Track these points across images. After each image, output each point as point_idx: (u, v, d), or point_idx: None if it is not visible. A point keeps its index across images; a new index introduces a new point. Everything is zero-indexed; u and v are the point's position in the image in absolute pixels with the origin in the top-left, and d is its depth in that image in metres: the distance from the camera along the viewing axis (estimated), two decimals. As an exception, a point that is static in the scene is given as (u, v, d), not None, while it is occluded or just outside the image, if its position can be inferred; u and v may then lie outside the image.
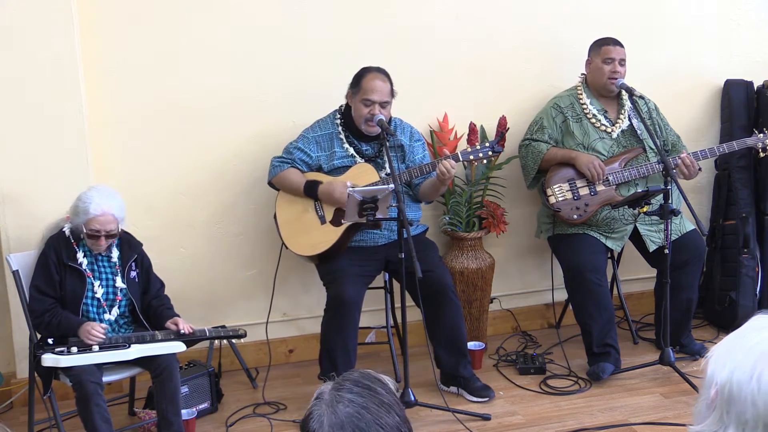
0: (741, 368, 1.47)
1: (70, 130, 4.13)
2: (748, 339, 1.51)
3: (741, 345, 1.51)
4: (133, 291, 3.77)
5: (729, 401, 1.47)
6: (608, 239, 4.41)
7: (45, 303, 3.64)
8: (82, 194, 3.67)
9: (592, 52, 4.50)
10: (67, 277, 3.67)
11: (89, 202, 3.61)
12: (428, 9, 4.63)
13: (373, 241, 4.18)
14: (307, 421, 1.55)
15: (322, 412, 1.53)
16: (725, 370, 1.49)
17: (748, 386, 1.45)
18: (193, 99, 4.37)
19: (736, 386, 1.47)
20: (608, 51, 4.41)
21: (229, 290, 4.60)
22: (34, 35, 4.01)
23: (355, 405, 1.53)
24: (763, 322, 1.54)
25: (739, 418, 1.46)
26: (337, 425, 1.50)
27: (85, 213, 3.60)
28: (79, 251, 3.70)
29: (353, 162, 4.18)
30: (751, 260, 4.85)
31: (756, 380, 1.45)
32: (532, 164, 4.46)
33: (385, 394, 1.57)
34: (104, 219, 3.61)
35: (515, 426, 3.90)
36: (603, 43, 4.45)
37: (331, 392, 1.56)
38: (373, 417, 1.52)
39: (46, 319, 3.63)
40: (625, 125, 4.45)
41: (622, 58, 4.42)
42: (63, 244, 3.69)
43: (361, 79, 4.11)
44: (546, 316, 5.03)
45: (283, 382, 4.45)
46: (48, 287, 3.66)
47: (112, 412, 3.71)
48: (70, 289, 3.67)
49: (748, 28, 5.09)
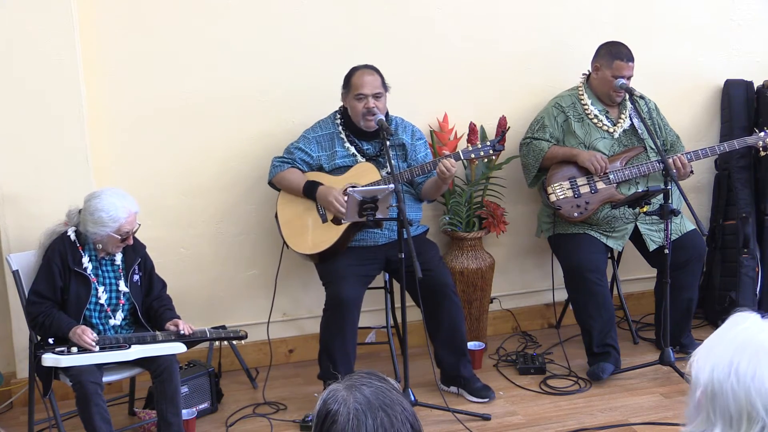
0: (719, 365, 1.50)
1: (70, 130, 4.13)
2: (725, 336, 1.54)
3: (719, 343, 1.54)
4: (135, 294, 3.77)
5: (713, 399, 1.50)
6: (609, 239, 4.41)
7: (42, 306, 3.63)
8: (98, 204, 3.60)
9: (602, 59, 4.37)
10: (71, 283, 3.66)
11: (114, 209, 3.59)
12: (428, 9, 4.63)
13: (374, 241, 4.18)
14: (324, 406, 1.53)
15: (344, 395, 1.53)
16: (706, 370, 1.52)
17: (727, 381, 1.48)
18: (193, 99, 4.37)
19: (717, 383, 1.49)
20: (620, 68, 4.30)
21: (230, 290, 4.60)
22: (34, 35, 4.00)
23: (375, 386, 1.55)
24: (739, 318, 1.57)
25: (723, 414, 1.49)
26: (365, 403, 1.51)
27: (116, 220, 3.59)
28: (85, 255, 3.69)
29: (355, 161, 4.18)
30: (751, 260, 4.85)
31: (734, 374, 1.48)
32: (533, 162, 4.46)
33: (397, 386, 1.60)
34: (132, 219, 3.66)
35: (515, 426, 3.90)
36: (616, 56, 4.31)
37: (346, 383, 1.56)
38: (396, 398, 1.55)
39: (39, 320, 3.62)
40: (627, 125, 4.45)
41: (631, 75, 4.34)
42: (69, 249, 3.67)
43: (350, 78, 4.14)
44: (546, 316, 5.03)
45: (283, 382, 4.45)
46: (48, 292, 3.64)
47: (112, 412, 3.71)
48: (74, 294, 3.65)
49: (748, 28, 5.09)
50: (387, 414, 1.50)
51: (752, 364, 1.47)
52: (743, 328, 1.54)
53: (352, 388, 1.54)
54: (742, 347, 1.50)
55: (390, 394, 1.54)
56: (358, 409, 1.49)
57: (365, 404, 1.50)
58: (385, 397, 1.52)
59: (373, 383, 1.55)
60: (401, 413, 1.52)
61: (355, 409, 1.49)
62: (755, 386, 1.46)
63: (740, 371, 1.47)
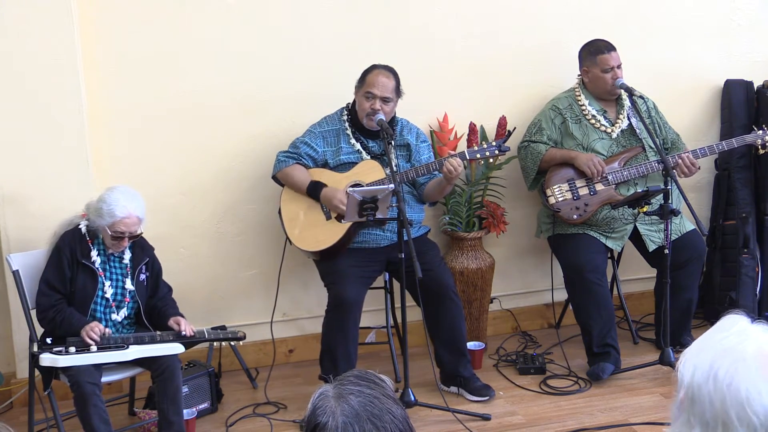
0: (700, 369, 1.48)
1: (70, 130, 4.13)
2: (712, 338, 1.52)
3: (705, 346, 1.51)
4: (140, 294, 3.77)
5: (692, 402, 1.48)
6: (608, 239, 4.41)
7: (52, 298, 3.63)
8: (104, 196, 3.63)
9: (587, 60, 4.43)
10: (78, 275, 3.66)
11: (114, 205, 3.59)
12: (429, 9, 4.63)
13: (376, 243, 4.18)
14: (314, 417, 1.55)
15: (332, 405, 1.55)
16: (689, 372, 1.49)
17: (705, 386, 1.46)
18: (193, 98, 4.37)
19: (696, 387, 1.47)
20: (605, 60, 4.36)
21: (230, 290, 4.60)
22: (34, 35, 4.01)
23: (364, 395, 1.57)
24: (730, 321, 1.54)
25: (701, 418, 1.47)
26: (352, 415, 1.53)
27: (111, 215, 3.59)
28: (94, 249, 3.69)
29: (360, 158, 4.18)
30: (751, 260, 4.85)
31: (713, 379, 1.45)
32: (531, 165, 4.46)
33: (389, 387, 1.60)
34: (130, 221, 3.62)
35: (515, 426, 3.90)
36: (597, 52, 4.39)
37: (335, 389, 1.58)
38: (384, 406, 1.56)
39: (50, 315, 3.62)
40: (625, 125, 4.45)
41: (619, 63, 4.38)
42: (78, 241, 3.67)
43: (367, 74, 4.14)
44: (546, 316, 5.03)
45: (283, 382, 4.45)
46: (58, 283, 3.65)
47: (112, 412, 3.71)
48: (81, 286, 3.66)
49: (748, 28, 5.09)
50: (375, 425, 1.52)
51: (730, 372, 1.44)
52: (729, 333, 1.50)
53: (340, 398, 1.55)
54: (724, 353, 1.46)
55: (378, 402, 1.55)
56: (346, 422, 1.52)
57: (353, 416, 1.52)
58: (374, 407, 1.54)
59: (362, 392, 1.56)
60: (390, 422, 1.54)
61: (343, 423, 1.52)
62: (730, 395, 1.43)
63: (718, 377, 1.44)
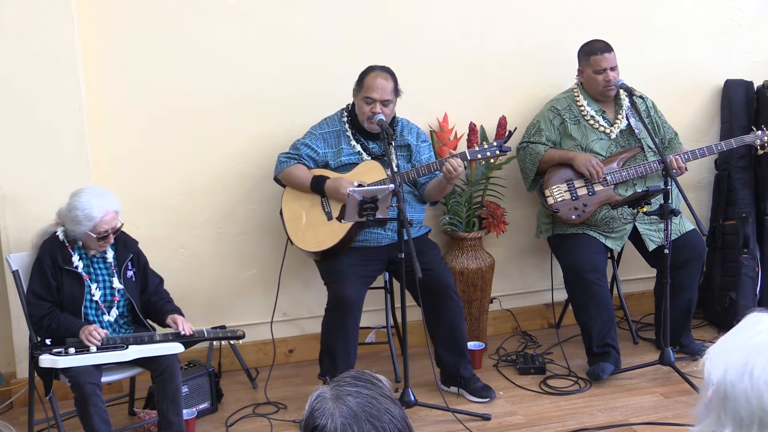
0: (734, 366, 1.48)
1: (70, 130, 4.13)
2: (741, 337, 1.52)
3: (734, 343, 1.52)
4: (130, 290, 3.77)
5: (725, 400, 1.48)
6: (608, 239, 4.41)
7: (43, 307, 3.64)
8: (75, 202, 3.61)
9: (582, 61, 4.45)
10: (64, 282, 3.67)
11: (89, 208, 3.58)
12: (428, 9, 4.63)
13: (377, 242, 4.18)
14: (312, 419, 1.55)
15: (330, 407, 1.54)
16: (719, 370, 1.49)
17: (740, 383, 1.46)
18: (193, 99, 4.37)
19: (729, 385, 1.47)
20: (598, 62, 4.36)
21: (230, 290, 4.60)
22: (34, 35, 4.00)
23: (362, 396, 1.56)
24: (756, 319, 1.55)
25: (735, 416, 1.47)
26: (350, 416, 1.52)
27: (90, 219, 3.58)
28: (74, 254, 3.69)
29: (360, 159, 4.18)
30: (751, 260, 4.85)
31: (748, 376, 1.45)
32: (530, 166, 4.46)
33: (386, 387, 1.60)
34: (109, 218, 3.62)
35: (515, 426, 3.90)
36: (591, 53, 4.39)
37: (332, 390, 1.57)
38: (383, 406, 1.56)
39: (45, 323, 3.63)
40: (624, 125, 4.45)
41: (613, 65, 4.36)
42: (57, 248, 3.68)
43: (364, 77, 4.13)
44: (546, 316, 5.02)
45: (283, 382, 4.45)
46: (45, 292, 3.65)
47: (112, 412, 3.71)
48: (68, 292, 3.66)
49: (748, 28, 5.09)
50: (373, 426, 1.52)
51: (767, 369, 1.45)
52: (759, 330, 1.51)
53: (337, 399, 1.55)
54: (758, 350, 1.47)
55: (377, 403, 1.55)
56: (345, 423, 1.52)
57: (351, 417, 1.52)
58: (372, 407, 1.54)
59: (360, 392, 1.56)
60: (389, 422, 1.53)
61: (341, 424, 1.52)
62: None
63: (755, 375, 1.45)
